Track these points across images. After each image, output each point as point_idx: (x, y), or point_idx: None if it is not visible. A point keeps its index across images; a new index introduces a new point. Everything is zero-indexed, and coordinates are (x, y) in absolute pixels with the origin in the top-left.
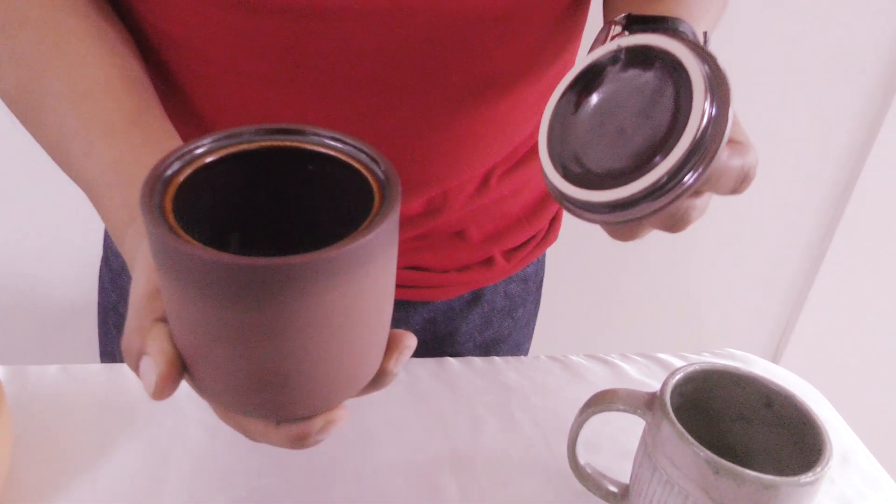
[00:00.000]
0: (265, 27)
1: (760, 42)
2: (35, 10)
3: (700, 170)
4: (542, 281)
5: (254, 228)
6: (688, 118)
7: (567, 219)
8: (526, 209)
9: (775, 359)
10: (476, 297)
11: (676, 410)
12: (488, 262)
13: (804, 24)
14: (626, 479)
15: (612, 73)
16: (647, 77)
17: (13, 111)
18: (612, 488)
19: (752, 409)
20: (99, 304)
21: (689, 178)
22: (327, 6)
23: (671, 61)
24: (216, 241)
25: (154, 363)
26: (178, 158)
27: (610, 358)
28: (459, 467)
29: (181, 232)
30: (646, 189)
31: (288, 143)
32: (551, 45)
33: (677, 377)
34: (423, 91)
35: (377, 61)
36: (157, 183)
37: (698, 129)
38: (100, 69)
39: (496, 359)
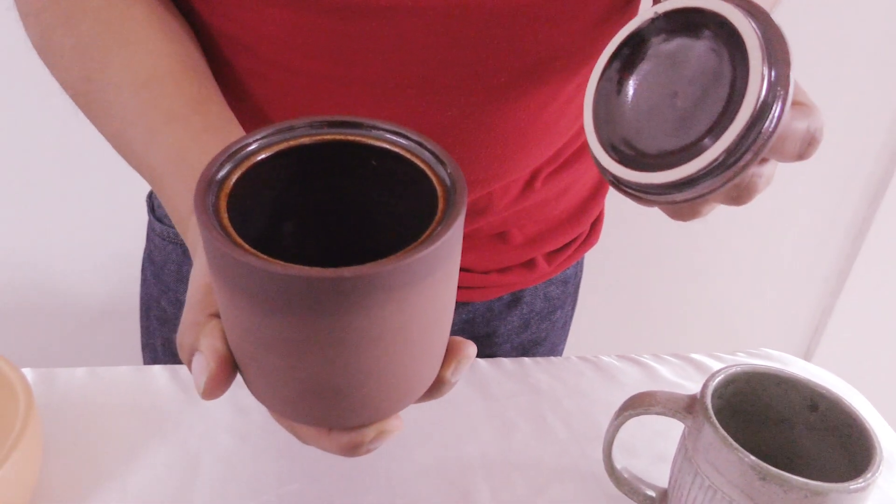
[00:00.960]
0: (318, 25)
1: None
2: (97, 1)
3: (764, 140)
4: (579, 283)
5: (309, 226)
6: (746, 85)
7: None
8: (569, 212)
9: (806, 358)
10: (516, 299)
11: (716, 412)
12: (529, 264)
13: (840, 22)
14: (663, 484)
15: (654, 43)
16: (693, 43)
17: (77, 103)
18: (651, 493)
19: (796, 412)
20: (141, 297)
21: (751, 150)
22: (381, 4)
23: (717, 22)
24: (270, 239)
25: (205, 362)
26: (230, 156)
27: (642, 359)
28: (492, 473)
29: (234, 235)
30: (707, 166)
31: (346, 137)
32: (600, 41)
33: (718, 379)
34: (472, 90)
35: (428, 59)
36: (210, 183)
37: (759, 97)
38: (161, 57)
39: (526, 360)
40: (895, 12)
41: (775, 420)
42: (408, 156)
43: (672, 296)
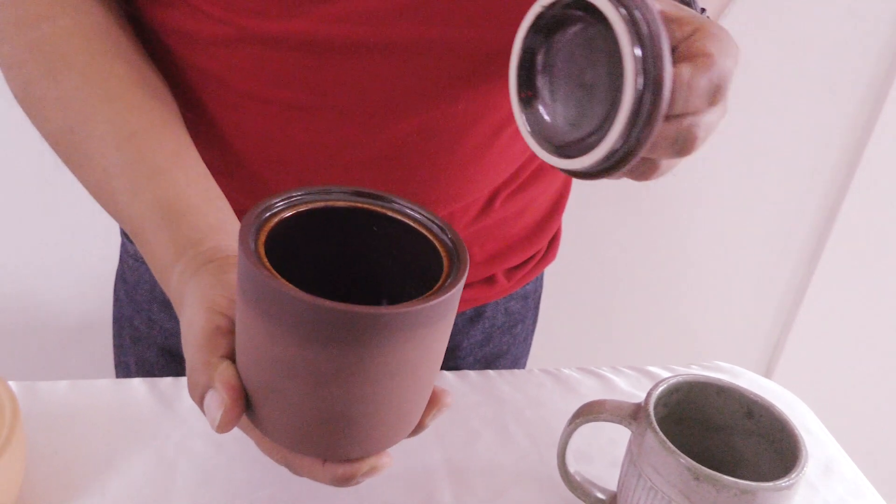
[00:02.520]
0: (288, 59)
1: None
2: (81, 56)
3: (653, 107)
4: (540, 298)
5: (329, 274)
6: (622, 64)
7: (563, 238)
8: (527, 230)
9: (768, 372)
10: (478, 314)
11: (661, 421)
12: (490, 280)
13: (796, 32)
14: (614, 488)
15: (552, 38)
16: (581, 31)
17: (57, 152)
18: (601, 496)
19: (734, 419)
20: (114, 316)
21: (648, 120)
22: (346, 41)
23: (589, 9)
24: (296, 282)
25: (220, 397)
26: (268, 208)
27: (601, 371)
28: (455, 477)
29: (276, 273)
30: (616, 142)
31: (369, 206)
32: None
33: (661, 388)
34: (432, 119)
35: (391, 89)
36: (253, 226)
37: (635, 74)
38: (142, 112)
39: (491, 372)
40: (853, 14)
41: (716, 427)
42: (418, 227)
43: (634, 311)
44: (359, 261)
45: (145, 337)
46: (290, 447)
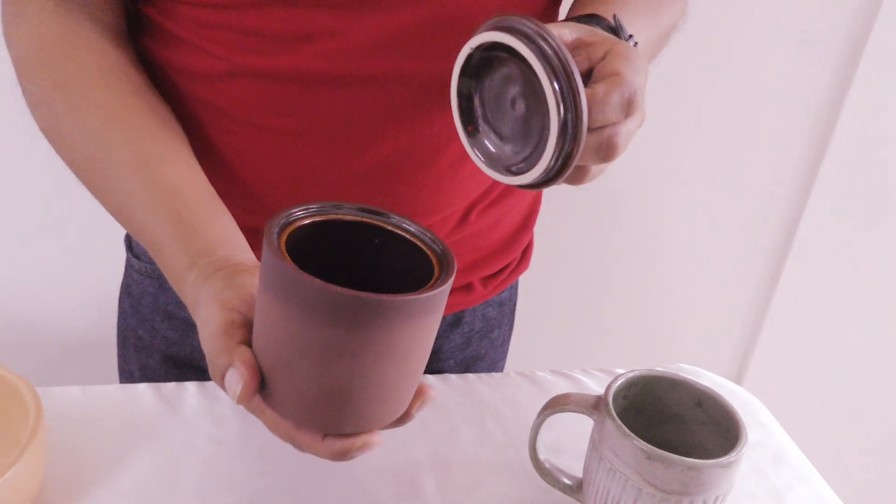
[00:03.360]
0: (281, 91)
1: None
2: (101, 92)
3: (576, 129)
4: (515, 306)
5: (337, 277)
6: (544, 96)
7: (537, 250)
8: (501, 241)
9: (738, 378)
10: (457, 320)
11: (622, 412)
12: (467, 287)
13: (759, 28)
14: (580, 475)
15: (482, 77)
16: (505, 68)
17: (81, 178)
18: (568, 481)
19: (686, 408)
20: (118, 327)
21: (573, 139)
22: (332, 74)
23: (511, 50)
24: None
25: (239, 373)
26: (289, 215)
27: (572, 373)
28: (437, 469)
29: (295, 264)
30: (551, 160)
31: (372, 221)
32: None
33: (619, 382)
34: (410, 141)
35: (372, 117)
36: (276, 228)
37: (557, 104)
38: (157, 141)
39: (471, 375)
40: (814, 17)
41: (671, 417)
42: (411, 238)
43: (605, 319)
44: (362, 266)
45: (148, 346)
46: (295, 420)
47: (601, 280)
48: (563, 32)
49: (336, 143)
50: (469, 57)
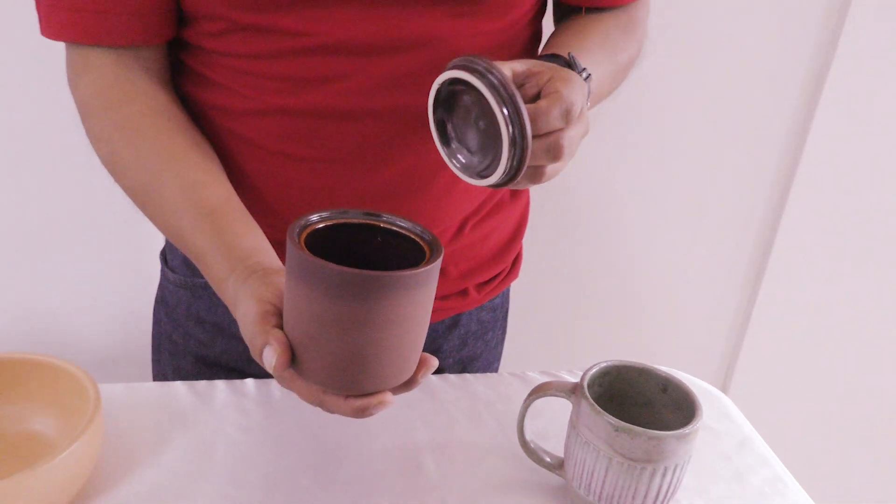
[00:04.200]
0: (301, 124)
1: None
2: (152, 130)
3: (523, 135)
4: (507, 311)
5: (346, 264)
6: (495, 118)
7: (527, 260)
8: (493, 252)
9: (724, 384)
10: (455, 322)
11: (598, 398)
12: (463, 293)
13: (735, 27)
14: (562, 455)
15: (451, 107)
16: (467, 98)
17: (135, 201)
18: (551, 460)
19: (654, 394)
20: (153, 335)
21: (520, 150)
22: (344, 110)
23: (465, 83)
24: None
25: (274, 349)
26: (306, 220)
27: (559, 373)
28: (437, 452)
29: (312, 255)
30: (507, 163)
31: (376, 223)
32: None
33: (594, 370)
34: (410, 165)
35: (378, 145)
36: (296, 230)
37: (506, 126)
38: (199, 169)
39: (468, 375)
40: (788, 18)
41: (641, 402)
42: (406, 233)
43: (593, 326)
44: (366, 256)
45: (182, 349)
46: (322, 384)
47: (587, 289)
48: (515, 66)
49: (347, 168)
50: (438, 91)
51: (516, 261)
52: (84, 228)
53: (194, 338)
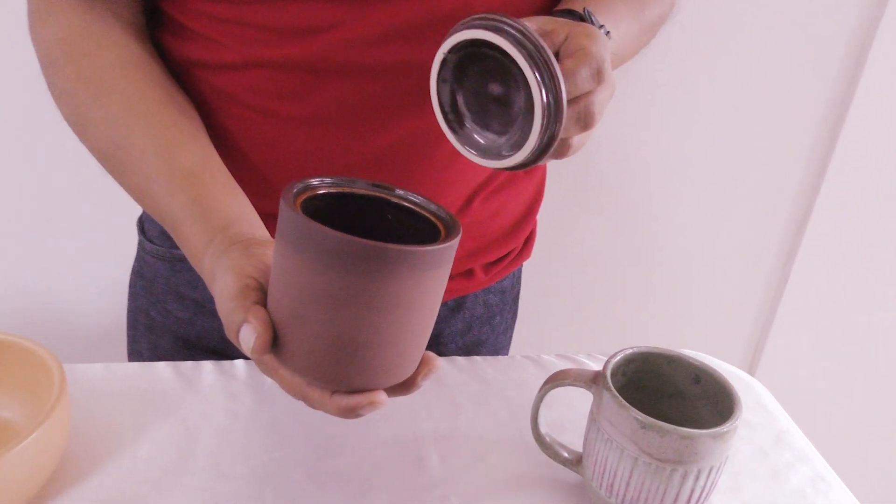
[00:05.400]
0: (289, 80)
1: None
2: (122, 83)
3: (558, 106)
4: (518, 294)
5: None
6: (528, 83)
7: (541, 239)
8: (503, 229)
9: (751, 369)
10: (458, 305)
11: (621, 389)
12: (468, 273)
13: (766, 30)
14: (580, 450)
15: (461, 78)
16: (482, 64)
17: (104, 164)
18: (568, 455)
19: (685, 385)
20: (129, 309)
21: (553, 115)
22: (338, 64)
23: (485, 45)
24: None
25: (252, 327)
26: (305, 184)
27: (577, 357)
28: (441, 444)
29: (307, 217)
30: (539, 139)
31: (385, 195)
32: None
33: (617, 357)
34: (410, 130)
35: (377, 102)
36: (293, 191)
37: (539, 88)
38: (174, 127)
39: (477, 358)
40: (820, 14)
41: (670, 393)
42: (418, 209)
43: (613, 311)
44: (373, 236)
45: (160, 326)
46: (306, 374)
47: (607, 269)
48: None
49: (342, 129)
50: (444, 62)
51: (529, 239)
52: (55, 195)
53: (173, 315)
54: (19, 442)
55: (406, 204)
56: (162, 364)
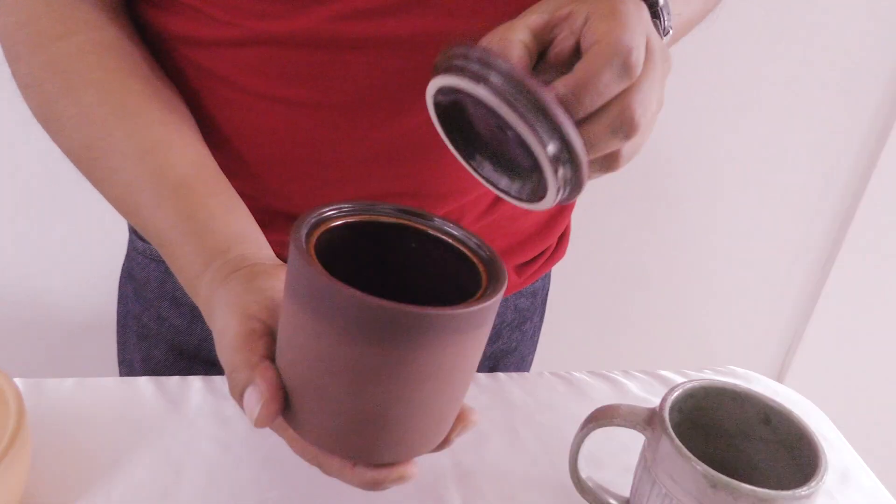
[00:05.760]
0: (292, 57)
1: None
2: (97, 73)
3: (566, 146)
4: (547, 295)
5: (372, 286)
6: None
7: (573, 237)
8: (536, 226)
9: (780, 377)
10: None
11: (676, 426)
12: None
13: (811, 32)
14: (626, 494)
15: (461, 117)
16: (474, 108)
17: (78, 167)
18: (613, 502)
19: (751, 425)
20: (118, 313)
21: (564, 159)
22: (348, 37)
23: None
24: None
25: (259, 392)
26: (319, 215)
27: (612, 374)
28: (464, 482)
29: (327, 273)
30: (557, 189)
31: (414, 224)
32: None
33: (676, 393)
34: None
35: (394, 86)
36: (304, 229)
37: (535, 136)
38: (161, 126)
39: (500, 375)
40: (867, 14)
41: (732, 433)
42: (454, 243)
43: (643, 313)
44: (399, 273)
45: (153, 334)
46: (324, 447)
47: (639, 273)
48: (532, 19)
49: (355, 115)
50: (437, 105)
51: (563, 237)
52: (42, 190)
53: (168, 322)
54: None
55: (438, 234)
56: (144, 379)
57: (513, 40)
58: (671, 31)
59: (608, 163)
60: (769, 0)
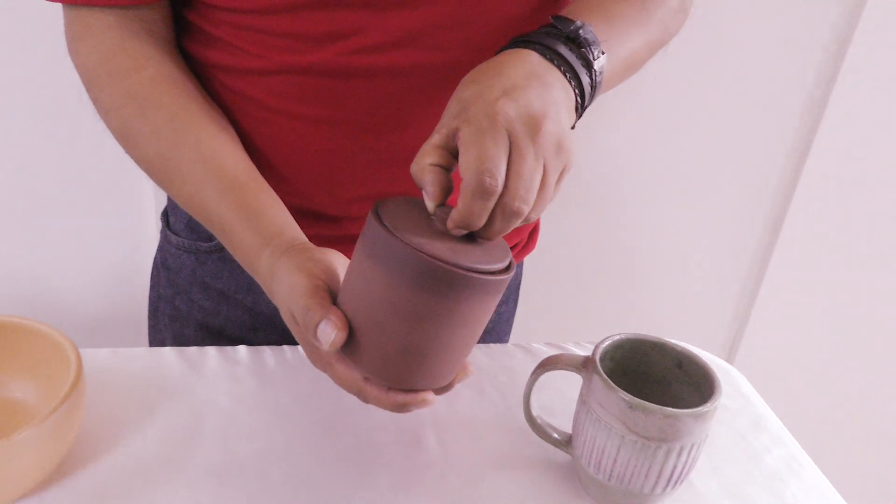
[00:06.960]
0: (312, 84)
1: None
2: (166, 97)
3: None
4: (520, 283)
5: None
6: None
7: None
8: None
9: (730, 356)
10: None
11: (610, 373)
12: None
13: (744, 32)
14: (570, 431)
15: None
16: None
17: (151, 175)
18: (558, 436)
19: (667, 369)
20: (150, 299)
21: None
22: (358, 68)
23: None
24: None
25: (333, 324)
26: (382, 199)
27: (565, 345)
28: (439, 427)
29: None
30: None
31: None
32: None
33: (606, 343)
34: (431, 127)
35: (396, 106)
36: (376, 207)
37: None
38: (215, 139)
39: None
40: (797, 16)
41: (655, 378)
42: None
43: (603, 299)
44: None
45: (185, 315)
46: (373, 373)
47: (594, 263)
48: (435, 139)
49: (362, 130)
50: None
51: (533, 233)
52: (74, 188)
53: (198, 304)
54: (36, 424)
55: None
56: (167, 349)
57: (424, 167)
58: (600, 83)
59: (512, 226)
60: (697, 15)
